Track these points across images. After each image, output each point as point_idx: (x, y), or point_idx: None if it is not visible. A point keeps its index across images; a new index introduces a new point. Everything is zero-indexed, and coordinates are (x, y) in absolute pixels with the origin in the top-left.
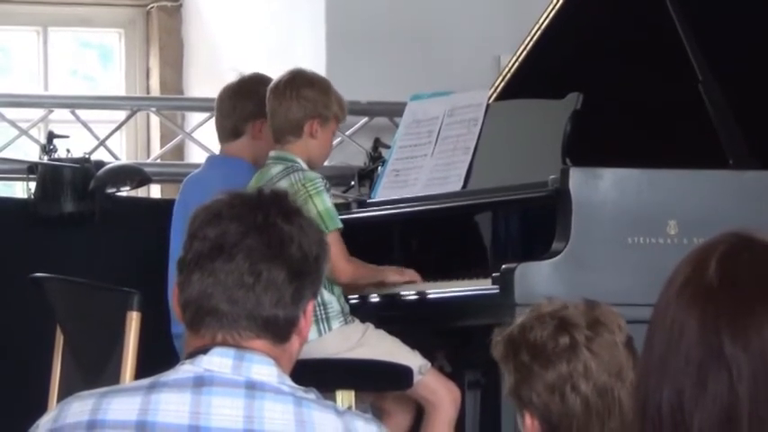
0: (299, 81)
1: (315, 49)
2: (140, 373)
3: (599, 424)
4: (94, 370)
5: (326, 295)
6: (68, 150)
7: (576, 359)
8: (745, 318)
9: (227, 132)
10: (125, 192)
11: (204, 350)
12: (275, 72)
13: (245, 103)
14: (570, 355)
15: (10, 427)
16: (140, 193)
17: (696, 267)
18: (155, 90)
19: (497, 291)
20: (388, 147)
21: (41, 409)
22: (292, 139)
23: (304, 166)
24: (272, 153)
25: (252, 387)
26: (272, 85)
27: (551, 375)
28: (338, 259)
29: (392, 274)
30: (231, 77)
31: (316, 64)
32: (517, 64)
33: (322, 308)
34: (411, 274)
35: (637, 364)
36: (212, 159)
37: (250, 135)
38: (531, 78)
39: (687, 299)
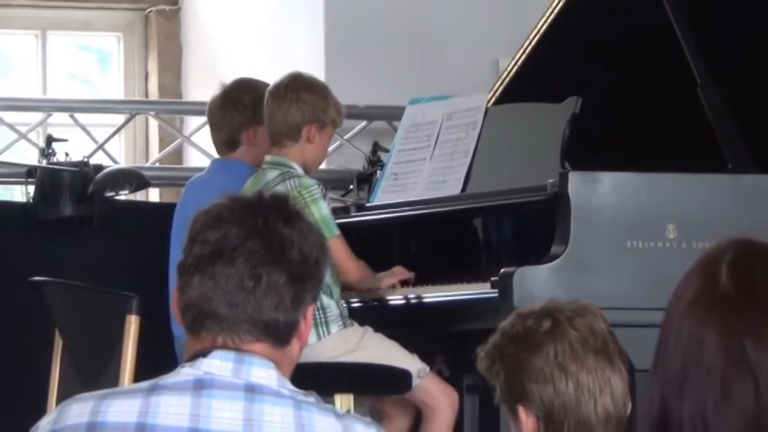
0: (298, 85)
1: (313, 53)
2: (139, 376)
3: (591, 400)
4: (93, 373)
5: (325, 299)
6: (67, 154)
7: (562, 338)
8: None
9: (223, 144)
10: (124, 195)
11: (204, 353)
12: (274, 76)
13: (233, 114)
14: (555, 336)
15: (10, 430)
16: (139, 196)
17: (707, 279)
18: (153, 94)
19: (496, 295)
20: (386, 150)
21: (41, 411)
22: (289, 144)
23: (300, 171)
24: (267, 158)
25: (251, 390)
26: (271, 87)
27: (540, 359)
28: (346, 260)
29: (386, 280)
30: (216, 89)
31: (314, 68)
32: (516, 68)
33: (321, 312)
34: (400, 271)
35: (624, 355)
36: (216, 163)
37: (246, 143)
38: (530, 82)
39: (703, 310)
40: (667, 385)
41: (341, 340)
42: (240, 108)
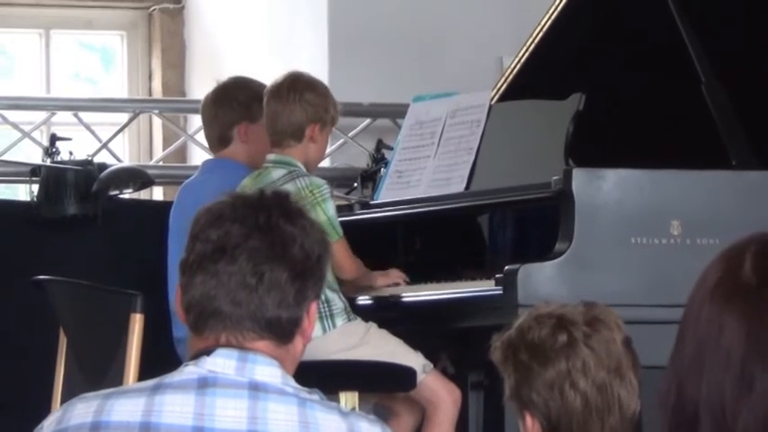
0: (300, 85)
1: (317, 51)
2: (142, 377)
3: (599, 421)
4: (97, 372)
5: (329, 293)
6: (71, 153)
7: (575, 356)
8: None
9: (215, 141)
10: (128, 194)
11: (208, 351)
12: (277, 74)
13: (225, 110)
14: (569, 352)
15: (14, 429)
16: (143, 195)
17: (729, 267)
18: (157, 92)
19: (500, 292)
20: (390, 148)
21: (45, 410)
22: (293, 143)
23: (304, 170)
24: (270, 156)
25: (255, 388)
26: (271, 88)
27: (550, 373)
28: (346, 261)
29: (380, 279)
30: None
31: (318, 65)
32: (519, 65)
33: (326, 305)
34: (396, 274)
35: (636, 364)
36: (207, 164)
37: (238, 140)
38: (534, 79)
39: (723, 297)
40: (684, 373)
41: (345, 334)
42: (234, 105)
